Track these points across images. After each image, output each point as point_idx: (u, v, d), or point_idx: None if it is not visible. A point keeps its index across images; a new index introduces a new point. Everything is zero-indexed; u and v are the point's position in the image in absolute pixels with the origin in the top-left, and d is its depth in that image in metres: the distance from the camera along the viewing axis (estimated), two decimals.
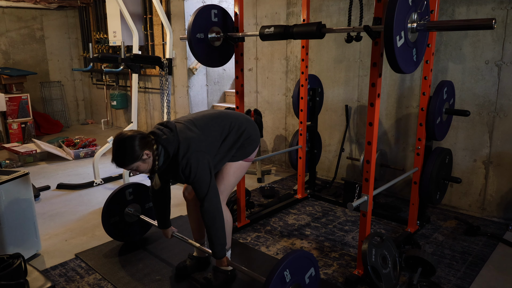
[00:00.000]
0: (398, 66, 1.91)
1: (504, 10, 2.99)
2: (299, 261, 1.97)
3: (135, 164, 2.01)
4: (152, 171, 2.11)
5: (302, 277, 1.98)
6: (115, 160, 2.01)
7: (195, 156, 2.07)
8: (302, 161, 3.56)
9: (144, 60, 4.10)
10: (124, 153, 1.98)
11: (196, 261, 2.55)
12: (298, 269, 1.97)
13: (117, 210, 2.81)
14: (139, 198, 2.91)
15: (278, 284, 1.84)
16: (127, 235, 2.89)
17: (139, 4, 5.93)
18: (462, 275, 2.49)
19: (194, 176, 2.07)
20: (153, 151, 2.03)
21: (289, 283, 1.89)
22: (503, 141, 3.15)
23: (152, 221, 2.78)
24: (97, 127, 7.32)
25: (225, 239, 2.20)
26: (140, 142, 1.98)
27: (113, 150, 2.02)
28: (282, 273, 1.87)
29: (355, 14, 3.43)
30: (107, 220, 2.77)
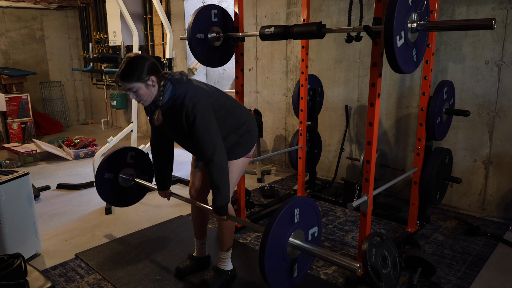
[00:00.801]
0: (398, 66, 1.91)
1: (504, 10, 2.99)
2: (309, 210, 1.93)
3: (138, 85, 1.95)
4: (154, 106, 2.08)
5: (307, 228, 1.94)
6: (121, 74, 1.94)
7: (203, 104, 2.01)
8: (302, 161, 3.56)
9: None
10: (132, 69, 1.93)
11: (196, 262, 2.55)
12: (306, 217, 1.92)
13: (114, 167, 2.75)
14: (138, 166, 2.86)
15: (287, 218, 1.81)
16: (118, 197, 2.82)
17: (139, 4, 5.93)
18: (462, 275, 2.49)
19: (200, 121, 1.99)
20: (159, 82, 2.00)
21: (295, 225, 1.85)
22: (503, 141, 3.15)
23: (148, 184, 2.75)
24: (97, 127, 7.32)
25: (229, 195, 2.13)
26: (150, 65, 1.95)
27: (122, 65, 1.95)
28: (293, 209, 1.83)
29: (355, 14, 3.43)
30: (102, 173, 2.70)
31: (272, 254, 1.77)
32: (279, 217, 1.77)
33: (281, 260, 1.82)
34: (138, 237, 3.01)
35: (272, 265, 1.78)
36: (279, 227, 1.78)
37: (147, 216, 3.41)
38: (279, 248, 1.80)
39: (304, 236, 1.92)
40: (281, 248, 1.81)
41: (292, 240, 1.85)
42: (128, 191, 2.87)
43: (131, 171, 2.84)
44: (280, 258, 1.82)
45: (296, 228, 1.86)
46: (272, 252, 1.77)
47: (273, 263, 1.78)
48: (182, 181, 4.22)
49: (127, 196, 2.88)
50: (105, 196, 2.78)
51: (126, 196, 2.87)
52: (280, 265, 1.83)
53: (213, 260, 2.62)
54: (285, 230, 1.82)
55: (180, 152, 5.46)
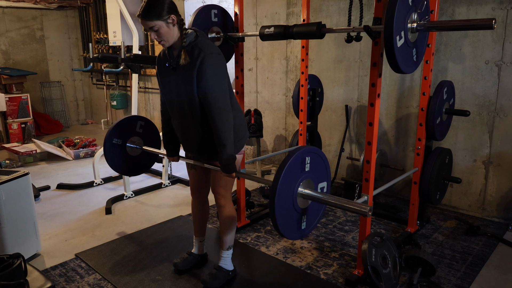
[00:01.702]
0: (398, 66, 1.91)
1: (504, 10, 2.99)
2: (320, 163, 1.91)
3: (159, 23, 1.97)
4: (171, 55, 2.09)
5: (317, 181, 1.92)
6: (142, 11, 1.97)
7: (221, 59, 2.06)
8: None
9: (144, 60, 4.10)
10: (152, 7, 1.95)
11: (193, 258, 2.55)
12: (316, 168, 1.90)
13: (123, 134, 2.73)
14: (146, 136, 2.83)
15: (298, 164, 1.78)
16: (125, 164, 2.79)
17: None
18: (462, 275, 2.49)
19: (213, 75, 2.00)
20: (180, 22, 2.02)
21: (305, 174, 1.83)
22: (503, 141, 3.15)
23: (157, 150, 2.73)
24: (97, 127, 7.32)
25: (233, 150, 2.09)
26: (170, 4, 1.99)
27: (144, 2, 1.98)
28: (304, 156, 1.80)
29: (355, 14, 3.43)
30: (110, 138, 2.67)
31: (282, 201, 1.74)
32: (291, 160, 1.73)
33: (291, 208, 1.79)
34: (138, 237, 3.01)
35: (282, 213, 1.75)
36: (290, 171, 1.75)
37: (147, 216, 3.41)
38: (289, 194, 1.77)
39: (314, 187, 1.89)
40: (291, 194, 1.78)
41: (302, 189, 1.82)
42: (136, 160, 2.83)
43: (138, 140, 2.81)
44: (290, 207, 1.79)
45: (306, 177, 1.83)
46: (282, 199, 1.73)
47: (283, 211, 1.75)
48: (182, 181, 4.22)
49: (135, 165, 2.83)
50: (113, 163, 2.72)
51: (133, 165, 2.83)
52: (289, 214, 1.80)
53: (214, 259, 2.62)
54: (296, 176, 1.79)
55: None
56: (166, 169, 4.12)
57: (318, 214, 2.00)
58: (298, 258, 2.71)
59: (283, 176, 1.71)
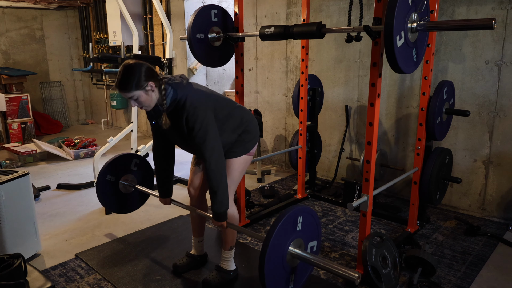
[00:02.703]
0: (398, 66, 1.91)
1: (504, 10, 2.99)
2: (311, 222, 1.92)
3: (137, 93, 1.96)
4: (157, 112, 2.10)
5: (307, 240, 1.93)
6: (119, 84, 1.96)
7: (203, 108, 2.03)
8: (302, 161, 3.56)
9: (144, 60, 4.09)
10: (129, 78, 1.94)
11: (193, 259, 2.55)
12: (308, 229, 1.91)
13: (117, 171, 2.75)
14: (140, 174, 2.86)
15: (290, 224, 1.80)
16: (117, 202, 2.81)
17: (139, 4, 5.93)
18: (462, 275, 2.49)
19: (200, 127, 2.01)
20: (160, 87, 2.00)
21: (296, 234, 1.84)
22: (503, 141, 3.15)
23: (149, 191, 2.75)
24: (97, 127, 7.32)
25: (228, 200, 2.13)
26: (147, 72, 1.96)
27: (119, 74, 1.96)
28: (296, 216, 1.82)
29: (355, 14, 3.43)
30: (104, 175, 2.69)
31: (273, 258, 1.75)
32: (283, 221, 1.76)
33: (280, 267, 1.81)
34: (138, 237, 3.01)
35: (272, 270, 1.76)
36: (282, 230, 1.77)
37: (147, 216, 3.41)
38: (280, 253, 1.79)
39: (304, 247, 1.92)
40: (281, 253, 1.80)
41: (292, 248, 1.84)
42: (127, 198, 2.87)
43: (132, 178, 2.84)
44: (279, 265, 1.80)
45: (297, 236, 1.86)
46: (273, 256, 1.75)
47: (273, 269, 1.77)
48: (182, 181, 4.22)
49: (126, 203, 2.88)
50: (104, 200, 2.76)
51: (125, 203, 2.87)
52: (278, 272, 1.81)
53: (214, 259, 2.62)
54: (286, 236, 1.81)
55: (180, 152, 5.46)
56: None
57: (306, 274, 2.01)
58: None
59: (275, 235, 1.74)
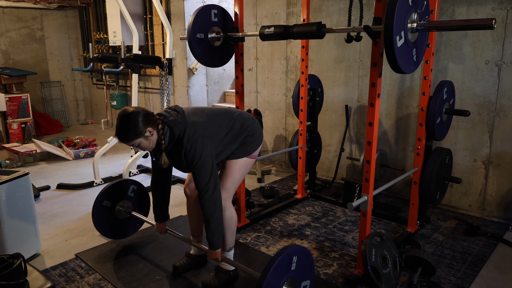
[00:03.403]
0: (398, 66, 1.91)
1: (504, 10, 2.99)
2: (306, 262, 1.95)
3: (138, 140, 2.02)
4: (157, 150, 2.12)
5: (301, 280, 1.96)
6: (118, 135, 2.02)
7: (200, 142, 2.08)
8: (302, 161, 3.56)
9: (144, 60, 4.10)
10: (127, 128, 1.98)
11: (193, 259, 2.56)
12: (303, 269, 1.94)
13: (114, 197, 2.78)
14: (137, 200, 2.90)
15: (285, 263, 1.81)
16: (112, 228, 2.83)
17: (139, 4, 5.93)
18: (462, 275, 2.49)
19: (197, 161, 2.06)
20: (158, 129, 2.04)
21: (290, 273, 1.85)
22: (503, 141, 3.15)
23: (145, 218, 2.78)
24: (97, 127, 7.32)
25: (223, 230, 2.20)
26: (143, 119, 1.99)
27: (117, 125, 2.02)
28: (291, 256, 1.84)
29: (355, 14, 3.43)
30: (101, 200, 2.72)
31: None
32: (278, 260, 1.79)
33: None
34: (138, 237, 3.01)
35: None
36: (276, 270, 1.79)
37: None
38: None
39: (297, 285, 1.94)
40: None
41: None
42: (122, 224, 2.88)
43: (128, 204, 2.86)
44: None
45: (291, 276, 1.88)
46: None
47: None
48: (182, 181, 4.22)
49: (121, 229, 2.89)
50: (99, 226, 2.78)
51: (119, 228, 2.88)
52: None
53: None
54: (281, 275, 1.84)
55: None
56: None
57: None
58: None
59: (270, 274, 1.75)
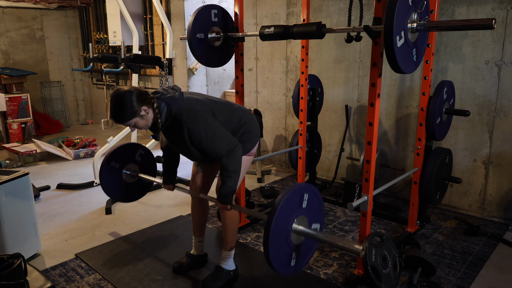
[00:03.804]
0: (398, 66, 1.91)
1: (504, 10, 2.99)
2: (316, 203, 1.90)
3: (133, 120, 1.97)
4: (154, 129, 2.07)
5: (311, 220, 1.91)
6: (113, 116, 1.97)
7: (202, 114, 2.03)
8: (302, 161, 3.56)
9: (144, 60, 4.11)
10: (122, 109, 1.93)
11: (193, 259, 2.55)
12: (314, 210, 1.90)
13: (122, 159, 2.76)
14: (143, 165, 2.87)
15: (297, 198, 1.78)
16: (119, 190, 2.81)
17: (139, 4, 5.93)
18: (462, 275, 2.49)
19: (206, 135, 2.01)
20: (153, 107, 1.99)
21: (301, 211, 1.82)
22: (503, 141, 3.15)
23: (152, 178, 2.77)
24: (97, 127, 7.32)
25: (236, 186, 2.13)
26: (137, 97, 1.94)
27: (111, 106, 1.96)
28: (303, 192, 1.80)
29: (355, 14, 3.43)
30: (108, 161, 2.71)
31: (277, 232, 1.73)
32: (290, 193, 1.73)
33: (285, 243, 1.79)
34: (138, 237, 3.01)
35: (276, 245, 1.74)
36: (288, 203, 1.74)
37: (147, 216, 3.41)
38: (284, 228, 1.76)
39: (308, 225, 1.89)
40: (285, 229, 1.77)
41: (296, 226, 1.81)
42: (129, 187, 2.86)
43: (135, 167, 2.84)
44: (283, 240, 1.78)
45: (302, 213, 1.83)
46: (278, 229, 1.72)
47: (277, 240, 1.74)
48: (182, 181, 4.22)
49: (128, 192, 2.87)
50: (106, 186, 2.75)
51: (126, 191, 2.86)
52: (282, 248, 1.79)
53: (214, 259, 2.62)
54: (292, 211, 1.78)
55: None
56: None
57: (308, 254, 1.99)
58: None
59: (282, 204, 1.72)
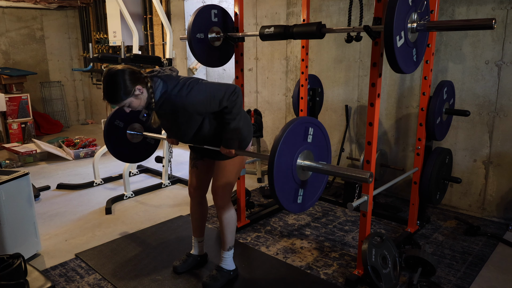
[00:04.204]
0: (398, 66, 1.91)
1: (504, 10, 2.99)
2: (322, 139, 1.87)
3: (128, 100, 1.92)
4: (148, 108, 2.02)
5: (318, 158, 1.86)
6: (107, 97, 1.91)
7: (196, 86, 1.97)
8: None
9: (144, 60, 4.10)
10: (115, 89, 1.87)
11: (193, 259, 2.55)
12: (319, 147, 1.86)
13: (125, 118, 2.75)
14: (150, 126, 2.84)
15: (302, 130, 1.74)
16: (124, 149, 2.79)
17: (139, 4, 5.93)
18: (462, 275, 2.49)
19: (207, 95, 1.96)
20: (147, 87, 1.94)
21: (307, 145, 1.78)
22: (503, 141, 3.15)
23: (159, 136, 2.77)
24: (97, 127, 7.32)
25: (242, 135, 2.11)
26: (130, 77, 1.89)
27: (104, 86, 1.90)
28: (309, 126, 1.75)
29: (355, 14, 3.43)
30: (112, 119, 2.69)
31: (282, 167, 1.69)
32: (295, 123, 1.69)
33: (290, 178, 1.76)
34: (138, 237, 3.01)
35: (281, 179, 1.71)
36: (292, 135, 1.70)
37: (147, 216, 3.41)
38: (289, 161, 1.73)
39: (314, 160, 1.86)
40: (290, 162, 1.73)
41: (301, 160, 1.78)
42: (135, 147, 2.84)
43: (139, 127, 2.83)
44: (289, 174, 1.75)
45: (307, 148, 1.80)
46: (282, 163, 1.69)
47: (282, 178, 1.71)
48: (182, 181, 4.22)
49: (133, 152, 2.85)
50: (111, 145, 2.72)
51: (132, 151, 2.84)
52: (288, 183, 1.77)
53: (214, 259, 2.62)
54: (297, 144, 1.75)
55: (180, 152, 5.46)
56: (166, 169, 4.12)
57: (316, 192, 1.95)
58: (298, 258, 2.71)
59: (287, 133, 1.65)
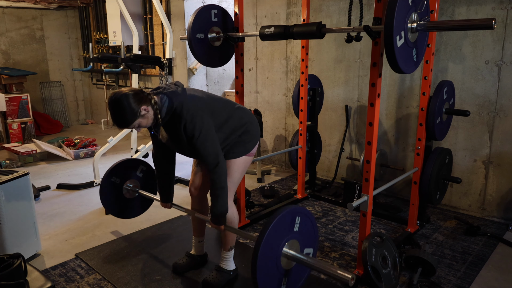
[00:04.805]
0: (398, 66, 1.91)
1: (504, 10, 2.99)
2: (309, 227, 1.85)
3: (136, 122, 1.97)
4: (155, 124, 2.07)
5: (304, 245, 1.86)
6: (116, 123, 1.96)
7: (200, 115, 2.04)
8: (302, 161, 3.56)
9: (144, 60, 4.10)
10: (122, 114, 1.92)
11: (193, 259, 2.56)
12: (306, 234, 1.86)
13: (123, 175, 2.77)
14: (144, 181, 2.87)
15: (288, 220, 1.73)
16: (118, 205, 2.82)
17: (139, 4, 5.93)
18: (462, 275, 2.49)
19: (199, 134, 2.02)
20: (151, 104, 1.99)
21: (293, 234, 1.77)
22: (503, 141, 3.15)
23: (152, 196, 2.78)
24: (97, 127, 7.32)
25: (227, 204, 2.15)
26: (134, 99, 1.93)
27: (111, 113, 1.95)
28: (295, 216, 1.74)
29: (355, 14, 3.43)
30: (109, 176, 2.71)
31: (266, 253, 1.69)
32: (280, 216, 1.70)
33: (274, 265, 1.75)
34: (138, 237, 3.02)
35: (264, 266, 1.70)
36: (277, 228, 1.70)
37: (147, 216, 3.41)
38: (274, 252, 1.72)
39: (300, 250, 1.86)
40: (275, 252, 1.72)
41: (286, 250, 1.76)
42: (129, 203, 2.88)
43: (136, 183, 2.85)
44: (273, 265, 1.74)
45: (293, 237, 1.80)
46: (267, 250, 1.69)
47: (265, 265, 1.70)
48: (182, 181, 4.22)
49: (127, 208, 2.88)
50: (106, 201, 2.77)
51: (125, 207, 2.87)
52: (272, 273, 1.75)
53: (214, 259, 2.62)
54: (283, 234, 1.75)
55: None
56: None
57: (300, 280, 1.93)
58: None
59: (272, 226, 1.67)
